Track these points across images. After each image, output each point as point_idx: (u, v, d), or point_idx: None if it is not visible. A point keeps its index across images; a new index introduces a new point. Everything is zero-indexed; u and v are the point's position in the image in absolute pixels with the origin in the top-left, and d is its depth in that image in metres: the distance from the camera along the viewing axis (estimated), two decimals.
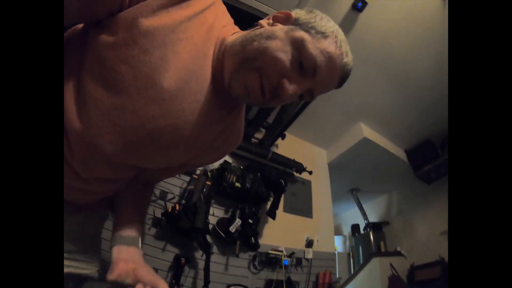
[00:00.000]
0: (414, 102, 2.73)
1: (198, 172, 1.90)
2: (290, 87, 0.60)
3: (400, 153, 3.29)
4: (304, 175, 2.58)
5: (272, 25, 0.66)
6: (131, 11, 0.55)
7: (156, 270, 1.57)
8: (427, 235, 3.35)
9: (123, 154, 0.64)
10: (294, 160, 2.46)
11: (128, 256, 0.75)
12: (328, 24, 0.64)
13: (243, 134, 0.87)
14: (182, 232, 1.73)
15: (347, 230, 3.76)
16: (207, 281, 1.67)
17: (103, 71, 0.57)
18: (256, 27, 0.67)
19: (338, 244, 3.82)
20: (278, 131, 2.38)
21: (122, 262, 0.72)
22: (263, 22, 0.67)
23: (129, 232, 0.80)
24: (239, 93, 0.63)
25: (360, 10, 1.96)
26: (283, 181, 2.13)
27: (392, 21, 2.09)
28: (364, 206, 3.84)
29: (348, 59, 0.64)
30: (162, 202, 1.82)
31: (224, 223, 1.91)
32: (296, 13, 0.66)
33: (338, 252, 3.61)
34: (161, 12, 0.56)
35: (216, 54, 0.66)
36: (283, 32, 0.62)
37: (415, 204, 3.64)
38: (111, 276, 0.68)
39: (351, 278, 3.15)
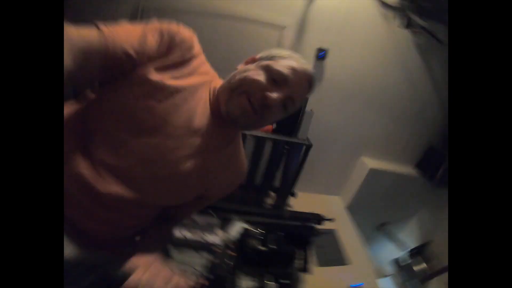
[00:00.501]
0: (402, 119, 2.90)
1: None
2: (273, 95, 0.80)
3: (411, 171, 3.29)
4: (327, 226, 2.53)
5: (245, 65, 0.89)
6: (143, 70, 0.75)
7: None
8: None
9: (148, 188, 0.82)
10: (311, 213, 2.43)
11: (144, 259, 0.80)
12: (284, 51, 0.88)
13: (246, 166, 1.04)
14: None
15: (390, 271, 3.56)
16: None
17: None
18: (235, 71, 0.88)
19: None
20: (288, 189, 2.39)
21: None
22: (239, 66, 0.90)
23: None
24: (236, 115, 0.82)
25: (323, 58, 2.13)
26: (306, 232, 2.09)
27: (357, 56, 2.27)
28: (398, 237, 3.70)
29: (308, 67, 0.87)
30: None
31: None
32: (259, 55, 0.90)
33: None
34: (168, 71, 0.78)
35: (211, 95, 0.88)
36: (254, 65, 0.86)
37: (447, 213, 3.52)
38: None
39: None
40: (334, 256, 2.42)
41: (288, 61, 0.84)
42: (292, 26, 2.08)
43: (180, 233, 1.85)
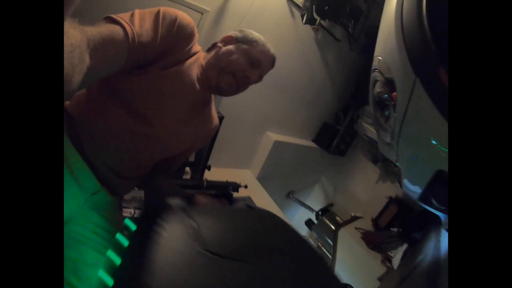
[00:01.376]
0: (301, 101, 3.36)
1: None
2: (252, 75, 1.08)
3: (310, 144, 3.83)
4: (242, 193, 2.75)
5: (225, 45, 1.10)
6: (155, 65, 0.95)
7: None
8: (367, 190, 3.95)
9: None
10: (228, 181, 2.62)
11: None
12: (254, 34, 1.11)
13: (217, 121, 1.33)
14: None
15: (305, 231, 3.93)
16: None
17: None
18: (217, 48, 1.11)
19: None
20: (202, 163, 2.55)
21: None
22: (220, 44, 1.11)
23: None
24: (223, 88, 1.07)
25: None
26: (227, 198, 2.25)
27: None
28: (306, 202, 4.11)
29: (272, 51, 1.13)
30: None
31: None
32: (234, 34, 1.11)
33: None
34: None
35: (200, 71, 1.08)
36: (236, 48, 1.07)
37: (343, 176, 4.23)
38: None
39: (333, 260, 3.32)
40: None
41: (260, 47, 1.09)
42: (213, 11, 2.21)
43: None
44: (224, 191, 2.29)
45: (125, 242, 0.78)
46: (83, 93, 0.98)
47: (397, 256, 2.74)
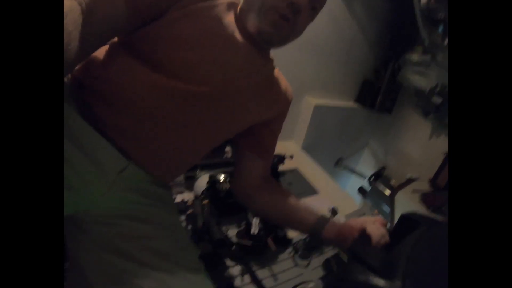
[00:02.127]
0: (333, 59, 3.04)
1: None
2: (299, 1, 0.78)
3: (353, 104, 3.50)
4: (288, 165, 2.55)
5: None
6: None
7: None
8: (420, 148, 3.52)
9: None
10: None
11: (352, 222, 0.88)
12: None
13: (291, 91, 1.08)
14: (209, 259, 1.56)
15: (359, 200, 3.71)
16: None
17: None
18: None
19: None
20: None
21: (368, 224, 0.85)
22: None
23: (315, 213, 0.95)
24: (269, 32, 0.82)
25: None
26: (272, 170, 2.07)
27: None
28: (356, 170, 3.86)
29: None
30: None
31: (243, 233, 1.78)
32: None
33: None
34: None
35: (237, 14, 0.86)
36: None
37: (393, 136, 3.81)
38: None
39: (391, 224, 3.10)
40: (303, 189, 2.44)
41: None
42: None
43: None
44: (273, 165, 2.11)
45: None
46: (96, 58, 0.80)
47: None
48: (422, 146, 3.49)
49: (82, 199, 0.71)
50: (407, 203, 3.03)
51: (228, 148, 2.47)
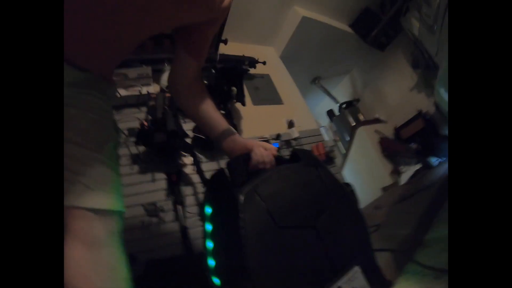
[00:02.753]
0: None
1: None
2: None
3: (346, 28, 3.30)
4: (260, 70, 2.52)
5: None
6: None
7: (154, 203, 1.57)
8: (398, 96, 3.50)
9: None
10: (244, 56, 2.38)
11: (234, 144, 0.95)
12: None
13: None
14: (160, 148, 1.65)
15: (325, 122, 3.77)
16: (205, 180, 1.62)
17: None
18: None
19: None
20: (217, 36, 2.26)
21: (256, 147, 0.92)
22: None
23: (224, 124, 0.98)
24: None
25: None
26: (238, 70, 2.05)
27: None
28: (331, 92, 3.86)
29: None
30: (134, 139, 1.69)
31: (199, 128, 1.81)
32: None
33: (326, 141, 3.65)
34: None
35: None
36: None
37: (377, 74, 3.75)
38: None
39: (345, 156, 3.21)
40: (269, 96, 2.45)
41: None
42: None
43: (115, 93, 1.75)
44: (237, 66, 2.07)
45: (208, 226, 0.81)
46: None
47: (407, 173, 2.65)
48: (400, 94, 3.47)
49: None
50: (365, 138, 3.15)
51: None
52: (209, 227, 0.80)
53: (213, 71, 1.99)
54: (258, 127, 2.16)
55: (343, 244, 0.80)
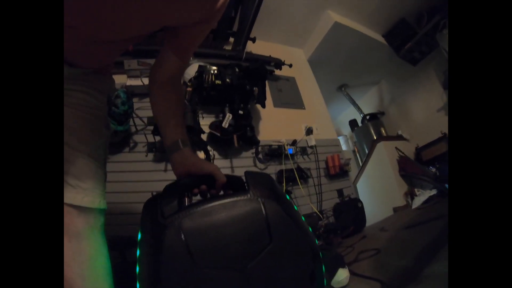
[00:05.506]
0: None
1: None
2: None
3: (378, 38, 3.20)
4: (286, 72, 2.50)
5: None
6: None
7: None
8: (425, 115, 3.37)
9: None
10: (270, 56, 2.37)
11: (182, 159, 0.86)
12: None
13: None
14: None
15: (346, 131, 3.72)
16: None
17: None
18: None
19: (341, 144, 3.81)
20: (245, 33, 2.26)
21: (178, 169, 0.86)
22: None
23: (179, 135, 0.90)
24: None
25: None
26: (262, 71, 2.04)
27: None
28: (356, 101, 3.80)
29: None
30: (151, 127, 1.73)
31: (216, 124, 1.85)
32: None
33: (344, 151, 3.61)
34: None
35: None
36: None
37: (406, 88, 3.62)
38: None
39: (361, 169, 3.16)
40: (292, 100, 2.43)
41: None
42: None
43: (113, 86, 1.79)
44: (261, 67, 2.06)
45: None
46: None
47: (420, 198, 2.51)
48: (427, 114, 3.35)
49: None
50: (384, 154, 3.05)
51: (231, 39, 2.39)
52: (137, 252, 0.77)
53: (237, 69, 1.97)
54: (275, 131, 2.16)
55: (274, 283, 0.73)
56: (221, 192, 0.84)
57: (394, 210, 2.57)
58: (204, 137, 1.82)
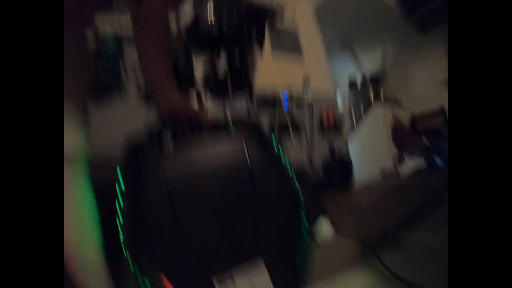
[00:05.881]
0: None
1: None
2: None
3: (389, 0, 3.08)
4: (289, 21, 2.38)
5: None
6: None
7: None
8: (426, 85, 3.34)
9: None
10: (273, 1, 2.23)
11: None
12: None
13: None
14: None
15: (345, 88, 3.69)
16: None
17: None
18: None
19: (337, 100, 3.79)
20: None
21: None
22: None
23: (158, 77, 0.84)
24: None
25: None
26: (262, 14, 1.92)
27: None
28: (358, 60, 3.73)
29: None
30: None
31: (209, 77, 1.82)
32: None
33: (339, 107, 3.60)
34: None
35: None
36: None
37: (411, 55, 3.54)
38: None
39: (354, 128, 3.16)
40: (290, 47, 2.36)
41: None
42: None
43: None
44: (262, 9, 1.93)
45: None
46: None
47: (409, 164, 2.52)
48: (429, 84, 3.27)
49: None
50: (379, 116, 3.03)
51: None
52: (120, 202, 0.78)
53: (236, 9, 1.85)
54: (272, 81, 2.10)
55: (255, 231, 0.75)
56: (206, 135, 0.80)
57: (381, 172, 2.57)
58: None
